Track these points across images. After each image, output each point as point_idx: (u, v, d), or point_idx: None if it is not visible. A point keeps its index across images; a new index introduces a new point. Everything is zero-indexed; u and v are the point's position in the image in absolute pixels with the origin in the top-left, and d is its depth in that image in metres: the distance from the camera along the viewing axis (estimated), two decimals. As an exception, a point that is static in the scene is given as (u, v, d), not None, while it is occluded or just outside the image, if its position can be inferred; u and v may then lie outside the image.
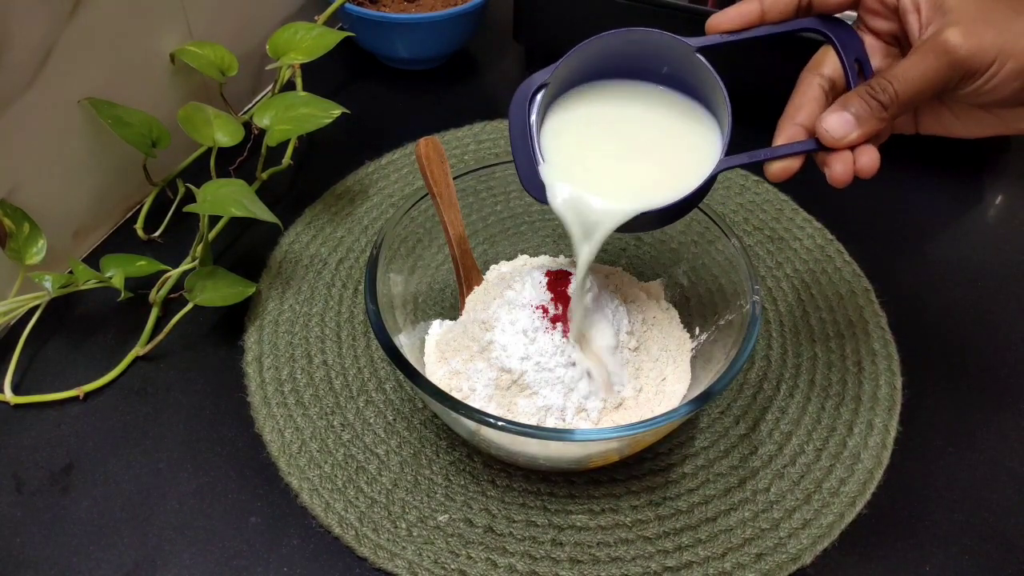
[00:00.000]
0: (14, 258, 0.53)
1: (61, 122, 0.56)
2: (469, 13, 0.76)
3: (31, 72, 0.52)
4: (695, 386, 0.50)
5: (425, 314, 0.54)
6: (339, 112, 0.61)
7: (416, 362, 0.48)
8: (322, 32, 0.66)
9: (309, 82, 0.69)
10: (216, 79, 0.64)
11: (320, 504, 0.48)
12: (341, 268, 0.61)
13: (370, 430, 0.52)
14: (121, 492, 0.49)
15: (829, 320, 0.59)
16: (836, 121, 0.39)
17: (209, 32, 0.66)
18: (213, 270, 0.57)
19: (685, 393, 0.50)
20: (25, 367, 0.54)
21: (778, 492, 0.49)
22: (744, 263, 0.49)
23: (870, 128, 0.39)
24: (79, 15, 0.54)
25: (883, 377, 0.56)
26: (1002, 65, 0.37)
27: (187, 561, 0.46)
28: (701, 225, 0.53)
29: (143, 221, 0.63)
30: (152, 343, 0.55)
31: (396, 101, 0.78)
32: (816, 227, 0.66)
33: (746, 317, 0.47)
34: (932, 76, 0.37)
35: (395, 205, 0.66)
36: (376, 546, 0.46)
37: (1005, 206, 0.71)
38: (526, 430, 0.42)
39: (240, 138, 0.61)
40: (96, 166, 0.60)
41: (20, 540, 0.46)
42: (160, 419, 0.52)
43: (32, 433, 0.51)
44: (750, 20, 0.41)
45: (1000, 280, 0.64)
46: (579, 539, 0.47)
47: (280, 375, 0.54)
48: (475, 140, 0.73)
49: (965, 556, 0.48)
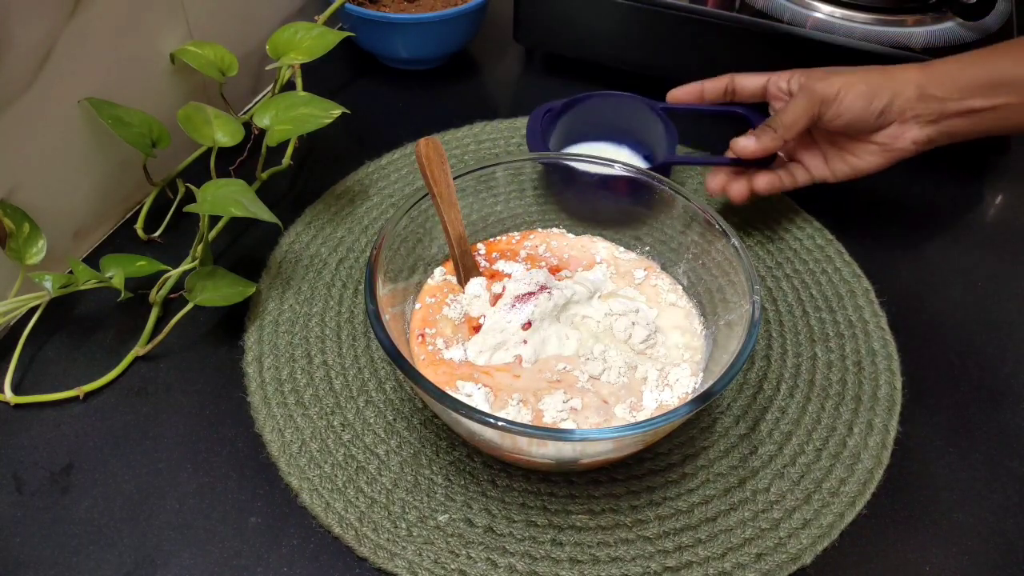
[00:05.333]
0: (14, 258, 0.53)
1: (61, 122, 0.56)
2: (469, 13, 0.76)
3: (31, 72, 0.53)
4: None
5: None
6: (339, 112, 0.61)
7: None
8: (322, 32, 0.66)
9: (309, 82, 0.69)
10: (216, 79, 0.64)
11: (320, 504, 0.48)
12: (341, 268, 0.61)
13: (370, 430, 0.52)
14: (121, 492, 0.49)
15: (829, 320, 0.59)
16: (744, 140, 0.59)
17: (209, 32, 0.66)
18: (213, 270, 0.57)
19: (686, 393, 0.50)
20: (25, 367, 0.54)
21: (778, 492, 0.49)
22: (744, 263, 0.49)
23: (767, 144, 0.58)
24: (79, 15, 0.54)
25: (883, 377, 0.56)
26: (847, 93, 0.57)
27: (187, 561, 0.46)
28: (701, 225, 0.53)
29: (143, 221, 0.63)
30: (152, 343, 0.55)
31: (396, 101, 0.78)
32: (816, 227, 0.66)
33: (746, 317, 0.47)
34: (802, 107, 0.58)
35: (395, 205, 0.66)
36: (376, 546, 0.46)
37: (1005, 206, 0.71)
38: (526, 430, 0.42)
39: (240, 138, 0.62)
40: (96, 166, 0.60)
41: (20, 540, 0.46)
42: (160, 419, 0.52)
43: (32, 433, 0.51)
44: (694, 98, 0.64)
45: (1000, 280, 0.64)
46: (579, 539, 0.47)
47: (280, 375, 0.54)
48: (475, 140, 0.73)
49: (965, 556, 0.48)
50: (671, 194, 0.55)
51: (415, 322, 0.54)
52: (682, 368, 0.51)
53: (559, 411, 0.48)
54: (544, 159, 0.59)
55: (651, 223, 0.57)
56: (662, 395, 0.50)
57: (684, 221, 0.55)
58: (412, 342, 0.53)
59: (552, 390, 0.49)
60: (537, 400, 0.49)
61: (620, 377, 0.50)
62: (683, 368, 0.51)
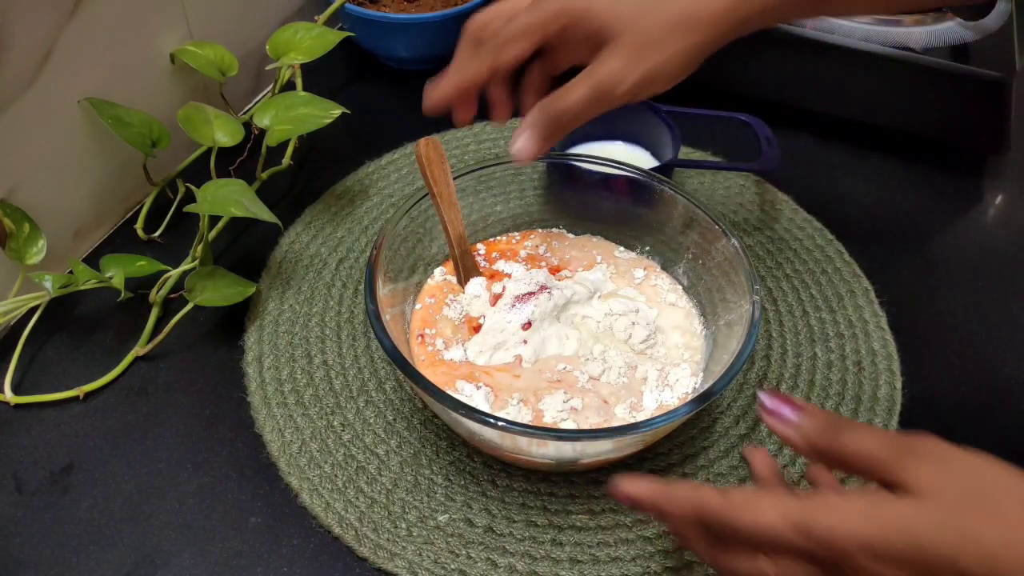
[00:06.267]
0: (14, 258, 0.53)
1: (61, 122, 0.56)
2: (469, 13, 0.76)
3: (31, 72, 0.52)
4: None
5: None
6: (339, 112, 0.61)
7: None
8: (322, 32, 0.66)
9: (309, 82, 0.69)
10: (216, 79, 0.64)
11: (320, 504, 0.48)
12: (341, 268, 0.61)
13: (370, 430, 0.52)
14: (121, 492, 0.49)
15: (829, 320, 0.59)
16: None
17: (209, 32, 0.66)
18: (213, 270, 0.57)
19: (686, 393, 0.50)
20: (25, 367, 0.54)
21: (778, 492, 0.49)
22: (744, 263, 0.49)
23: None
24: (79, 15, 0.54)
25: (883, 377, 0.56)
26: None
27: (187, 561, 0.46)
28: (701, 225, 0.53)
29: (143, 221, 0.63)
30: (152, 343, 0.55)
31: (396, 101, 0.78)
32: (816, 227, 0.66)
33: (746, 317, 0.47)
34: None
35: (395, 205, 0.66)
36: (376, 546, 0.46)
37: (1005, 206, 0.71)
38: (526, 430, 0.42)
39: (240, 138, 0.62)
40: (96, 166, 0.60)
41: (20, 540, 0.46)
42: (160, 419, 0.52)
43: (32, 433, 0.51)
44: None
45: (1000, 280, 0.64)
46: (579, 539, 0.47)
47: (280, 375, 0.54)
48: (475, 140, 0.73)
49: (965, 556, 0.47)
50: (671, 194, 0.55)
51: (415, 322, 0.54)
52: (682, 368, 0.51)
53: (559, 411, 0.48)
54: (544, 159, 0.59)
55: (651, 223, 0.57)
56: (662, 395, 0.50)
57: (684, 221, 0.55)
58: (412, 342, 0.53)
59: (552, 390, 0.49)
60: (537, 400, 0.49)
61: (620, 377, 0.50)
62: (683, 368, 0.51)
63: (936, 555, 0.31)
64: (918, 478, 0.32)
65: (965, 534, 0.30)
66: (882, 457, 0.33)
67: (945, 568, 0.31)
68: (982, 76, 0.67)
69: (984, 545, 0.30)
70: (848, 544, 0.31)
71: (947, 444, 0.33)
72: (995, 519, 0.31)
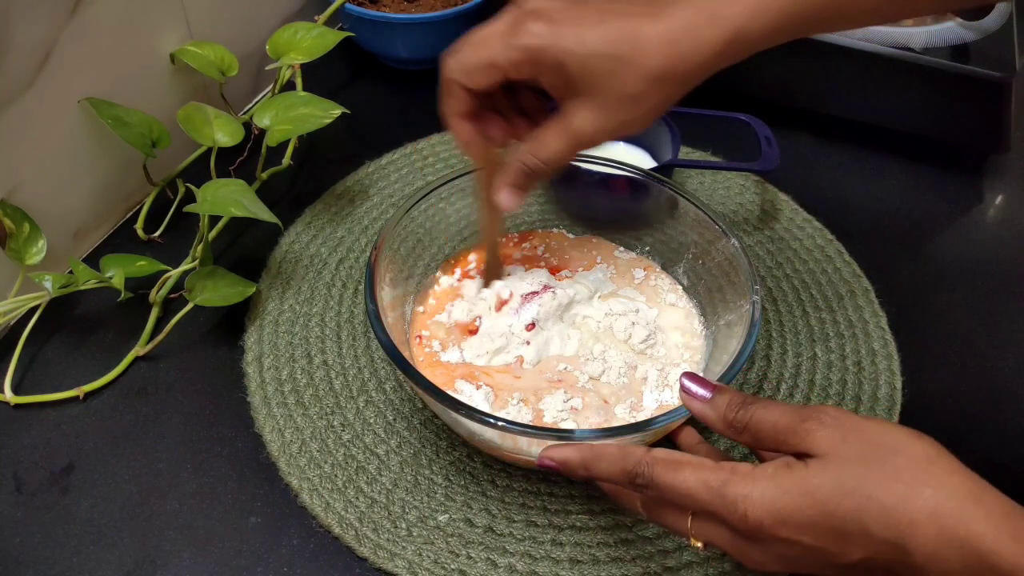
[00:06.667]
0: (14, 258, 0.53)
1: (61, 122, 0.56)
2: (469, 13, 0.76)
3: (31, 72, 0.52)
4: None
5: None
6: (339, 112, 0.61)
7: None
8: (322, 32, 0.66)
9: (309, 82, 0.69)
10: (216, 79, 0.64)
11: (320, 504, 0.48)
12: (341, 268, 0.61)
13: (370, 430, 0.52)
14: (121, 492, 0.49)
15: (829, 320, 0.59)
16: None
17: (209, 32, 0.66)
18: (213, 270, 0.57)
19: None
20: (25, 367, 0.54)
21: (778, 492, 0.49)
22: (744, 263, 0.49)
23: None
24: (79, 15, 0.54)
25: (883, 377, 0.56)
26: None
27: (187, 561, 0.46)
28: (701, 225, 0.53)
29: (143, 221, 0.63)
30: (152, 343, 0.55)
31: (396, 101, 0.78)
32: (816, 227, 0.66)
33: (746, 317, 0.47)
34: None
35: (395, 205, 0.66)
36: (376, 546, 0.46)
37: (1005, 206, 0.71)
38: (526, 430, 0.42)
39: (240, 138, 0.62)
40: (96, 166, 0.60)
41: (20, 540, 0.46)
42: (160, 419, 0.52)
43: (32, 433, 0.51)
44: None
45: (1000, 280, 0.64)
46: (579, 539, 0.47)
47: (280, 375, 0.54)
48: (475, 140, 0.73)
49: (965, 556, 0.47)
50: (671, 194, 0.55)
51: (415, 323, 0.54)
52: (682, 368, 0.51)
53: (559, 411, 0.48)
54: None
55: (651, 223, 0.57)
56: (662, 395, 0.50)
57: (684, 221, 0.55)
58: (411, 343, 0.53)
59: (552, 390, 0.49)
60: (537, 400, 0.49)
61: (620, 377, 0.50)
62: (683, 368, 0.51)
63: (840, 514, 0.33)
64: (820, 443, 0.34)
65: (865, 492, 0.33)
66: (788, 427, 0.36)
67: (851, 526, 0.33)
68: (982, 76, 0.67)
69: (883, 501, 0.32)
70: (758, 511, 0.34)
71: (847, 412, 0.36)
72: (891, 477, 0.33)
